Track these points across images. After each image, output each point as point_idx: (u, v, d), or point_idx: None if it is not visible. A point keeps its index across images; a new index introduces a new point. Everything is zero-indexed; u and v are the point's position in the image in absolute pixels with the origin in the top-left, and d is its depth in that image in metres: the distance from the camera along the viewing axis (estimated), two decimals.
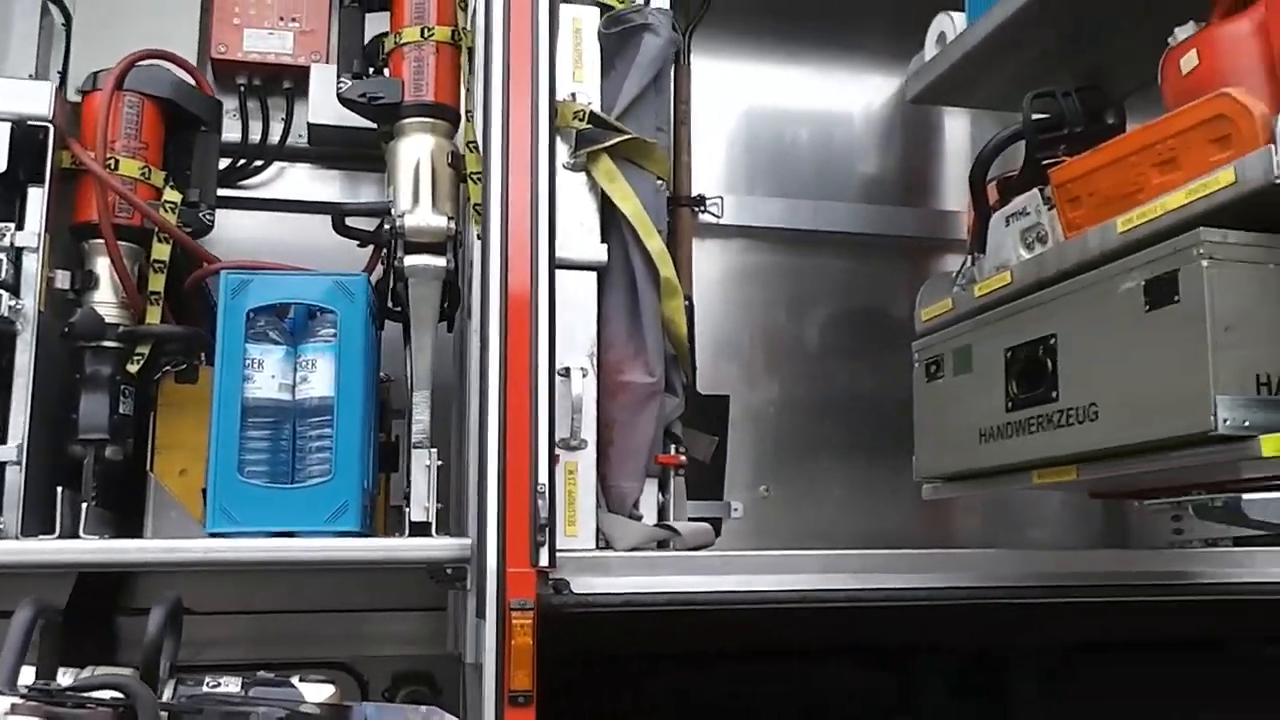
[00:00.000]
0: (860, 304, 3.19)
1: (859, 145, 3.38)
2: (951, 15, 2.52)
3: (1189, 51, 1.93)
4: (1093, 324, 1.89)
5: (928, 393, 2.38)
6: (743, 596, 2.16)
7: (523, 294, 2.08)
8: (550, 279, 2.11)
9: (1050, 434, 1.97)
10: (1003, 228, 2.21)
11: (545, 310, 2.09)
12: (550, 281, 2.11)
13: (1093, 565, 2.51)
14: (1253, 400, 1.63)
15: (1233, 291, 1.66)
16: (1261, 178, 1.62)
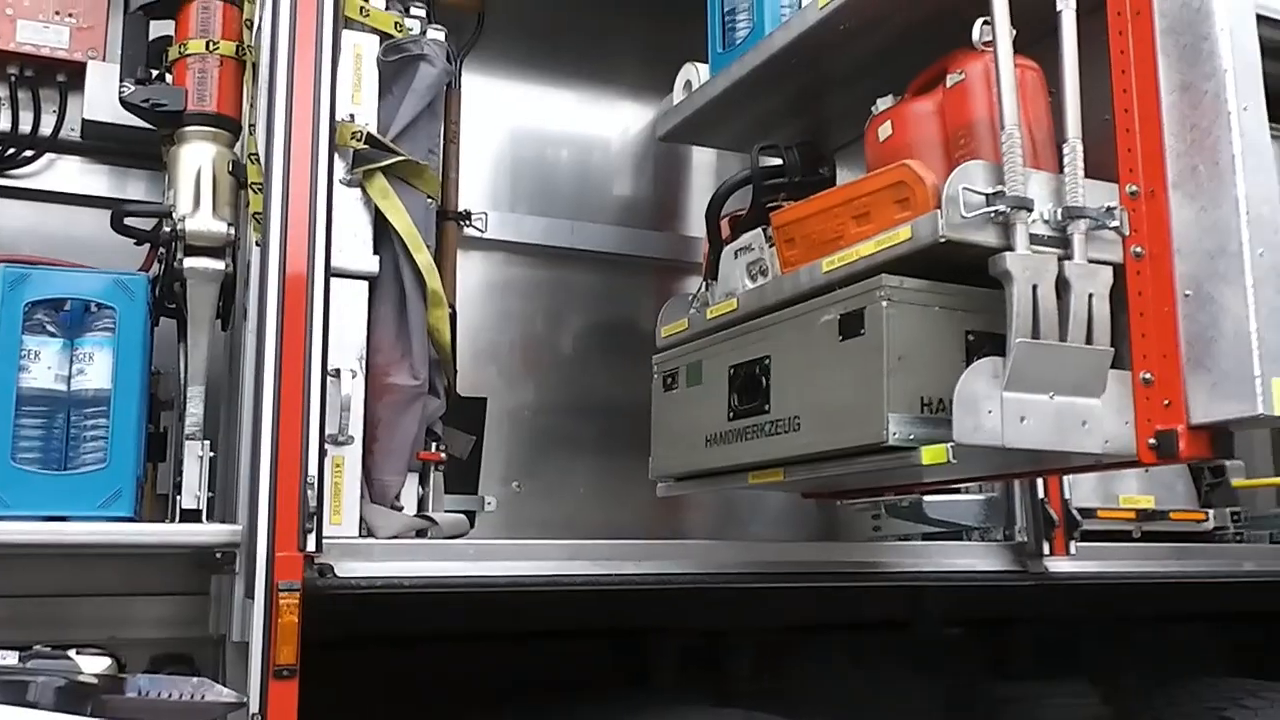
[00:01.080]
0: (611, 317, 3.48)
1: (615, 170, 3.67)
2: (696, 66, 2.83)
3: (885, 122, 2.30)
4: (799, 349, 2.22)
5: (664, 401, 2.68)
6: (494, 581, 2.40)
7: (298, 299, 2.25)
8: (325, 286, 2.29)
9: (763, 441, 2.29)
10: (732, 260, 2.54)
11: (319, 315, 2.27)
12: (325, 288, 2.29)
13: (802, 555, 2.88)
14: (917, 418, 1.99)
15: (906, 328, 2.02)
16: (930, 236, 1.98)
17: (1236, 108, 2.02)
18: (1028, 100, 2.11)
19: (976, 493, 2.96)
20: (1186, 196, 2.07)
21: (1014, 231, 1.98)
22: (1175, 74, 2.10)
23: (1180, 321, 2.05)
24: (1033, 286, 1.95)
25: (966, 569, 2.85)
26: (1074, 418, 1.99)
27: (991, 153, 2.05)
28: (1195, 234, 2.05)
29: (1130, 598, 3.51)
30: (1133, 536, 3.21)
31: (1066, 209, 2.03)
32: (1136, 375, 2.06)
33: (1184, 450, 2.03)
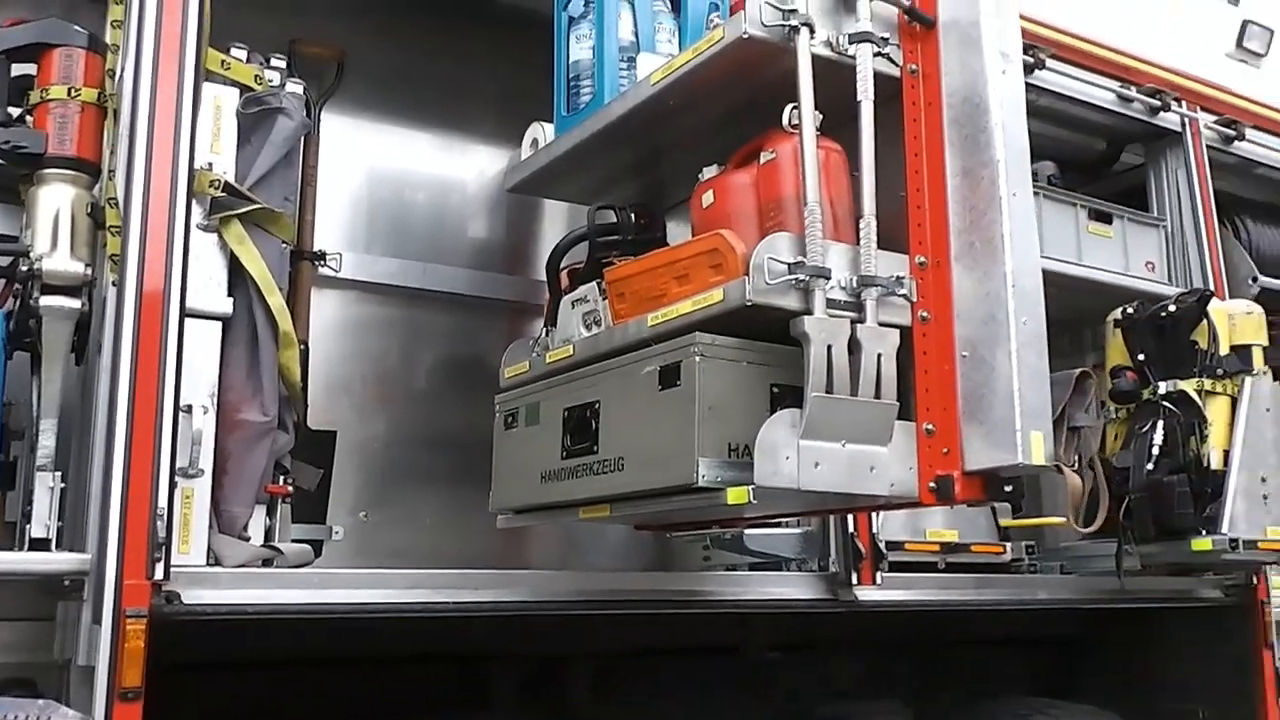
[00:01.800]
0: (461, 355, 3.64)
1: (470, 214, 3.84)
2: (543, 126, 3.02)
3: (709, 190, 2.53)
4: (625, 396, 2.43)
5: (505, 439, 2.86)
6: (335, 608, 2.53)
7: (153, 338, 2.37)
8: (179, 326, 2.42)
9: (591, 479, 2.49)
10: (569, 309, 2.74)
11: (173, 353, 2.39)
12: (179, 329, 2.42)
13: (633, 584, 3.08)
14: (725, 462, 2.21)
15: (716, 381, 2.24)
16: (739, 299, 2.21)
17: (1007, 193, 2.30)
18: (830, 179, 2.36)
19: (794, 527, 3.20)
20: (965, 269, 2.35)
21: (813, 297, 2.22)
22: (959, 160, 2.38)
23: (958, 379, 2.32)
24: (828, 346, 2.19)
25: (783, 597, 3.09)
26: (863, 464, 2.24)
27: (797, 225, 2.29)
28: (972, 302, 2.33)
29: (937, 623, 3.82)
30: (938, 567, 3.50)
31: (861, 278, 2.29)
32: (920, 426, 2.32)
33: (959, 493, 2.30)
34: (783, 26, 2.34)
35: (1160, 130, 4.33)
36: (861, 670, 3.92)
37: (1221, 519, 3.40)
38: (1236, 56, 4.64)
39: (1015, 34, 2.42)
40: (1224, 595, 4.01)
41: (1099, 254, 4.04)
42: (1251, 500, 3.46)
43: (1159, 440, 3.46)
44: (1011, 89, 2.37)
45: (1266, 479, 3.51)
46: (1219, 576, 4.02)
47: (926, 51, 2.47)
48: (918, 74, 2.47)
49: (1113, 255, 4.09)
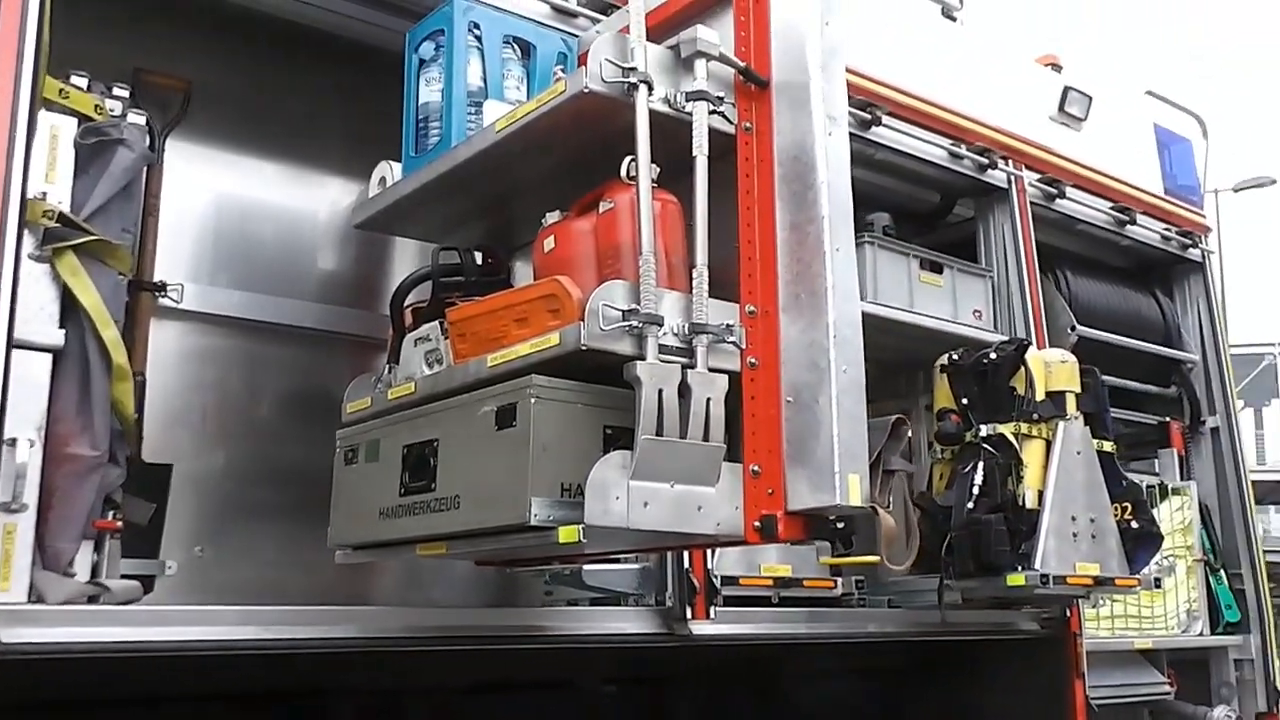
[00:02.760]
0: (305, 389, 3.61)
1: (320, 247, 3.82)
2: (391, 164, 3.06)
3: (550, 235, 2.60)
4: (463, 435, 2.47)
5: (344, 475, 2.87)
6: (163, 646, 2.50)
7: None
8: (5, 358, 2.37)
9: (428, 516, 2.52)
10: (412, 347, 2.77)
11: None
12: (5, 360, 2.37)
13: (470, 620, 3.11)
14: (558, 501, 2.28)
15: (551, 422, 2.31)
16: (575, 343, 2.28)
17: (831, 248, 2.43)
18: (666, 229, 2.46)
19: (632, 562, 3.28)
20: (792, 318, 2.47)
21: (646, 343, 2.31)
22: (788, 215, 2.51)
23: (784, 423, 2.43)
24: (659, 390, 2.28)
25: (619, 632, 3.15)
26: (691, 503, 2.33)
27: (633, 273, 2.38)
28: (797, 350, 2.44)
29: (774, 656, 3.94)
30: (772, 601, 3.61)
31: (693, 325, 2.39)
32: (747, 468, 2.42)
33: (782, 532, 2.41)
34: (622, 83, 2.43)
35: (988, 186, 4.60)
36: (700, 703, 4.01)
37: (1035, 555, 3.60)
38: (1059, 120, 4.95)
39: (842, 98, 2.56)
40: (1040, 628, 4.24)
41: (930, 302, 4.26)
42: (1062, 538, 3.68)
43: (979, 480, 3.66)
44: (837, 149, 2.51)
45: (1076, 518, 3.74)
46: (1036, 610, 4.24)
47: (760, 111, 2.60)
48: (751, 131, 2.59)
49: (943, 303, 4.31)
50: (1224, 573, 5.32)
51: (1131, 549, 3.90)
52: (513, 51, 3.03)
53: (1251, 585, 5.34)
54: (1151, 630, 4.95)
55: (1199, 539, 5.22)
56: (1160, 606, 5.00)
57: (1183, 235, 5.43)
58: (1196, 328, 5.53)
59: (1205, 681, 5.29)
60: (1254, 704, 5.26)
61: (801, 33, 2.57)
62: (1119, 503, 3.92)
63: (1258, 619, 5.30)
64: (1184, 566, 5.12)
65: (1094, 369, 4.01)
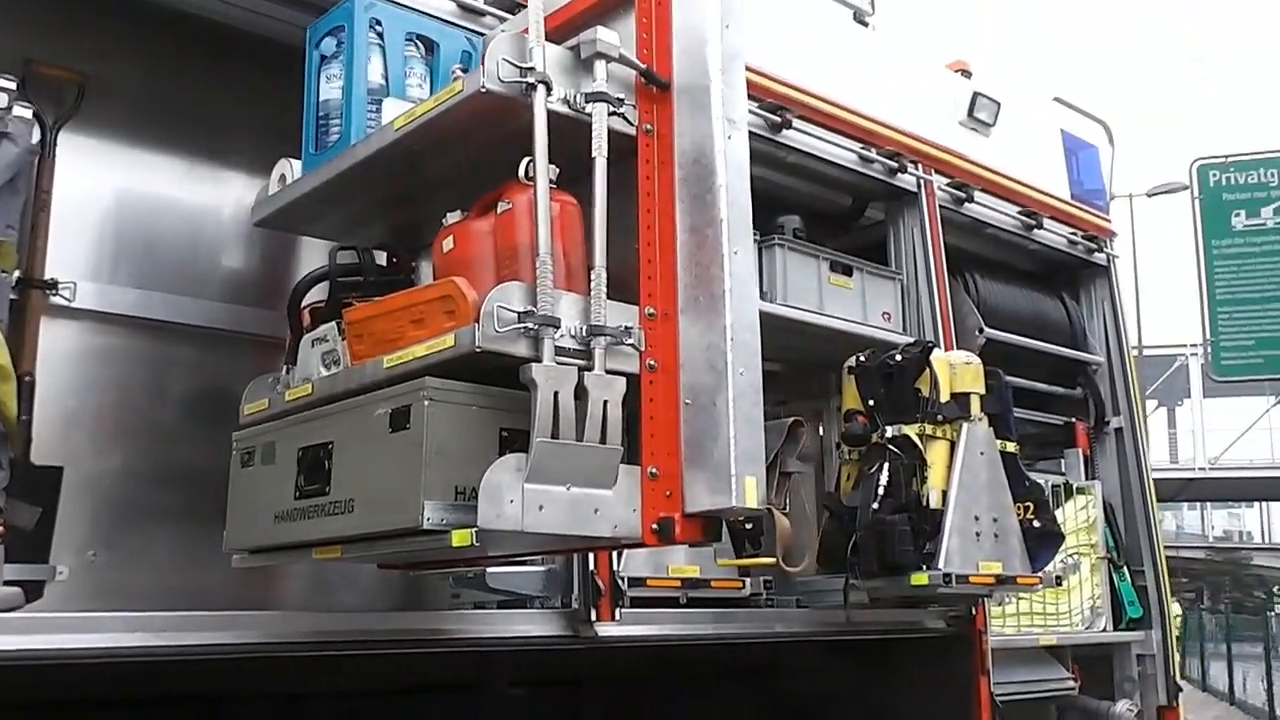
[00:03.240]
0: (206, 390, 3.54)
1: (224, 245, 3.75)
2: (291, 161, 3.01)
3: (449, 236, 2.58)
4: (357, 437, 2.44)
5: (241, 477, 2.82)
6: (47, 654, 2.43)
7: None
8: None
9: (323, 520, 2.49)
10: (309, 348, 2.73)
11: None
12: None
13: (373, 624, 3.07)
14: (452, 505, 2.26)
15: (445, 424, 2.29)
16: (470, 345, 2.26)
17: (729, 251, 2.44)
18: (564, 230, 2.45)
19: (538, 565, 3.26)
20: (691, 321, 2.47)
21: (542, 345, 2.30)
22: (688, 218, 2.51)
23: (682, 425, 2.43)
24: (554, 393, 2.27)
25: (524, 635, 3.14)
26: (587, 506, 2.32)
27: (530, 274, 2.36)
28: (696, 352, 2.45)
29: (684, 656, 3.95)
30: (679, 602, 3.62)
31: (591, 327, 2.38)
32: (645, 470, 2.42)
33: (679, 534, 2.41)
34: (520, 83, 2.42)
35: (898, 190, 4.65)
36: (613, 704, 4.01)
37: (939, 555, 3.66)
38: (968, 125, 5.03)
39: (742, 101, 2.57)
40: (947, 626, 4.30)
41: (840, 304, 4.30)
42: (965, 537, 3.74)
43: (884, 481, 3.70)
44: (736, 153, 2.51)
45: (979, 517, 3.80)
46: (943, 608, 4.30)
47: (661, 113, 2.60)
48: (652, 134, 2.59)
49: (852, 305, 4.36)
50: (1127, 570, 5.44)
51: (1033, 548, 3.97)
52: (416, 49, 3.00)
53: (1153, 582, 5.47)
54: (1056, 627, 5.05)
55: (1103, 537, 5.33)
56: (1065, 603, 5.10)
57: (1088, 240, 5.55)
58: (1102, 330, 5.65)
59: (1109, 676, 5.41)
60: (1155, 698, 5.40)
61: (703, 35, 2.57)
62: (1021, 502, 3.99)
63: (1159, 615, 5.43)
64: (1088, 564, 5.24)
65: (998, 371, 4.07)
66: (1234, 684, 16.82)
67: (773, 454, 3.16)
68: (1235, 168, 10.19)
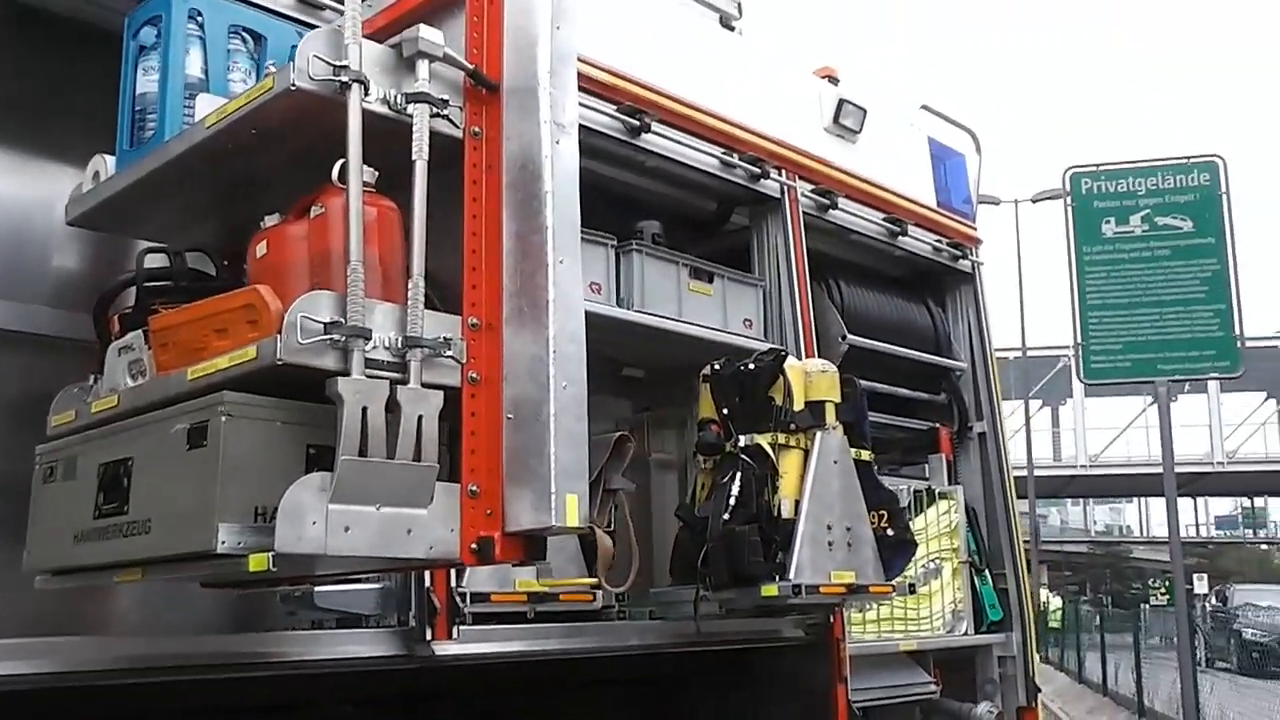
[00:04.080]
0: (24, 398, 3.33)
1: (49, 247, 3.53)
2: (105, 158, 2.85)
3: (263, 240, 2.45)
4: (156, 454, 2.30)
5: (43, 493, 2.65)
6: None
7: None
8: None
9: (121, 541, 2.34)
10: (116, 357, 2.58)
11: None
12: None
13: (191, 648, 2.92)
14: (250, 527, 2.14)
15: (244, 441, 2.16)
16: (271, 357, 2.14)
17: (554, 260, 2.36)
18: (382, 237, 2.35)
19: (374, 582, 3.14)
20: (515, 332, 2.39)
21: (351, 357, 2.19)
22: (514, 224, 2.43)
23: (505, 441, 2.35)
24: (363, 408, 2.16)
25: (355, 655, 3.02)
26: (399, 526, 2.22)
27: (343, 283, 2.25)
28: (519, 365, 2.37)
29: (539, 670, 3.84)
30: (527, 617, 3.52)
31: (406, 338, 2.28)
32: (465, 488, 2.33)
33: (499, 554, 2.33)
34: (334, 81, 2.31)
35: (762, 195, 4.62)
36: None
37: (790, 566, 3.62)
38: (834, 131, 5.02)
39: (572, 105, 2.50)
40: (804, 634, 4.28)
41: (699, 311, 4.25)
42: (817, 547, 3.72)
43: (735, 491, 3.66)
44: (564, 158, 2.44)
45: (832, 526, 3.78)
46: (802, 616, 4.28)
47: (490, 115, 2.51)
48: (480, 137, 2.50)
49: (713, 312, 4.31)
50: (989, 573, 5.50)
51: (887, 556, 3.97)
52: (241, 42, 2.85)
53: (1014, 584, 5.54)
54: (918, 631, 5.08)
55: (965, 541, 5.38)
56: (927, 608, 5.14)
57: (954, 246, 5.59)
58: (966, 336, 5.70)
59: (971, 679, 5.47)
60: (1015, 698, 5.47)
61: (533, 36, 2.49)
62: (875, 511, 3.98)
63: (1019, 617, 5.51)
64: (950, 569, 5.29)
65: (854, 379, 4.06)
66: (1107, 675, 17.31)
67: (597, 470, 3.07)
68: (1106, 176, 10.46)
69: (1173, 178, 10.69)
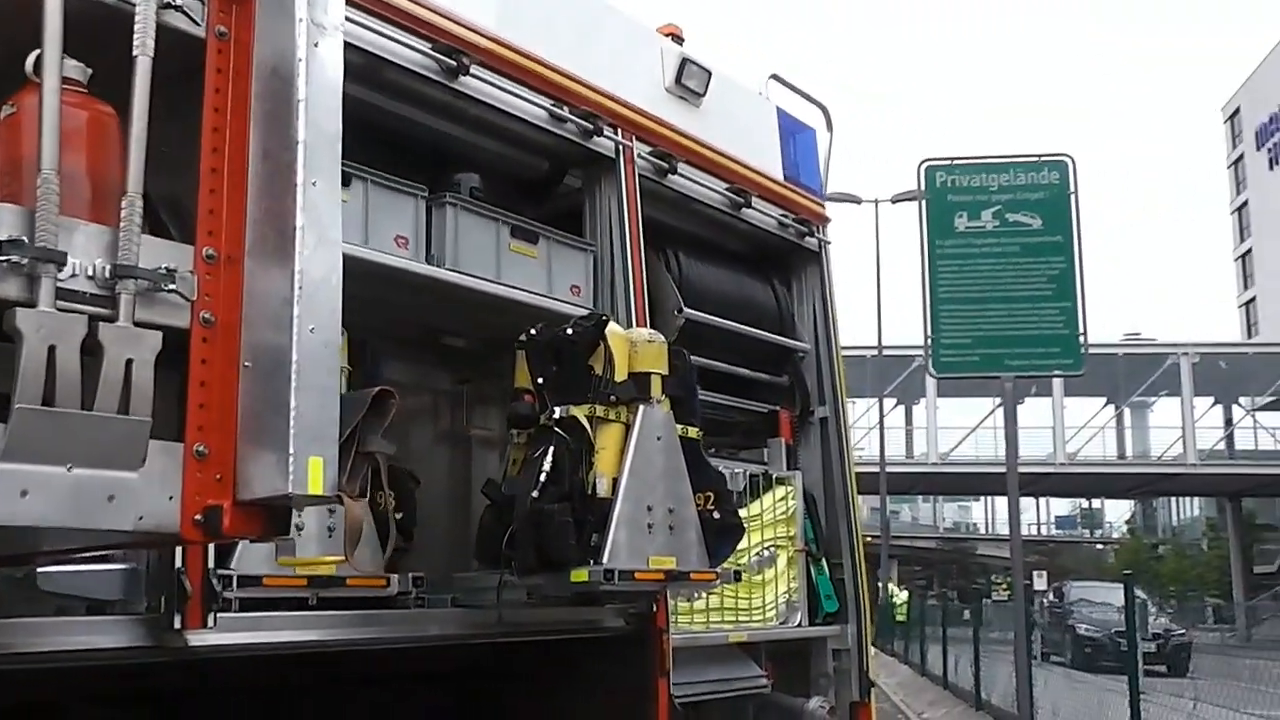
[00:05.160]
0: None
1: None
2: None
3: None
4: None
5: None
6: None
7: None
8: None
9: None
10: None
11: None
12: None
13: None
14: None
15: None
16: None
17: (305, 181, 2.01)
18: (94, 145, 1.96)
19: (117, 562, 2.72)
20: (259, 266, 2.03)
21: (37, 285, 1.80)
22: (262, 140, 2.07)
23: (240, 394, 1.99)
24: (50, 347, 1.77)
25: (87, 647, 2.60)
26: (99, 492, 1.84)
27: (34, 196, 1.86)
28: (263, 306, 2.01)
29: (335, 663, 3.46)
30: (309, 604, 3.14)
31: (117, 267, 1.89)
32: (190, 448, 1.96)
33: (229, 527, 1.96)
34: None
35: (595, 155, 4.30)
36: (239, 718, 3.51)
37: (604, 549, 3.32)
38: (676, 93, 4.73)
39: (337, 3, 2.13)
40: (625, 624, 3.98)
41: (521, 274, 3.92)
42: (635, 529, 3.43)
43: (547, 467, 3.34)
44: (324, 65, 2.08)
45: (653, 508, 3.49)
46: (624, 605, 3.99)
47: (241, 14, 2.15)
48: (227, 38, 2.13)
49: (536, 276, 3.99)
50: (825, 563, 5.31)
51: (713, 541, 3.71)
52: None
53: (851, 575, 5.36)
54: (750, 622, 4.84)
55: (802, 529, 5.17)
56: (760, 598, 4.90)
57: (800, 223, 5.37)
58: (811, 318, 5.49)
59: (805, 673, 5.26)
60: (849, 694, 5.28)
61: None
62: (702, 492, 3.71)
63: (855, 609, 5.33)
64: (785, 557, 5.06)
65: (683, 351, 3.79)
66: (947, 669, 17.57)
67: (350, 430, 2.68)
68: (960, 170, 10.49)
69: (1024, 175, 10.76)
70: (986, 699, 14.21)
